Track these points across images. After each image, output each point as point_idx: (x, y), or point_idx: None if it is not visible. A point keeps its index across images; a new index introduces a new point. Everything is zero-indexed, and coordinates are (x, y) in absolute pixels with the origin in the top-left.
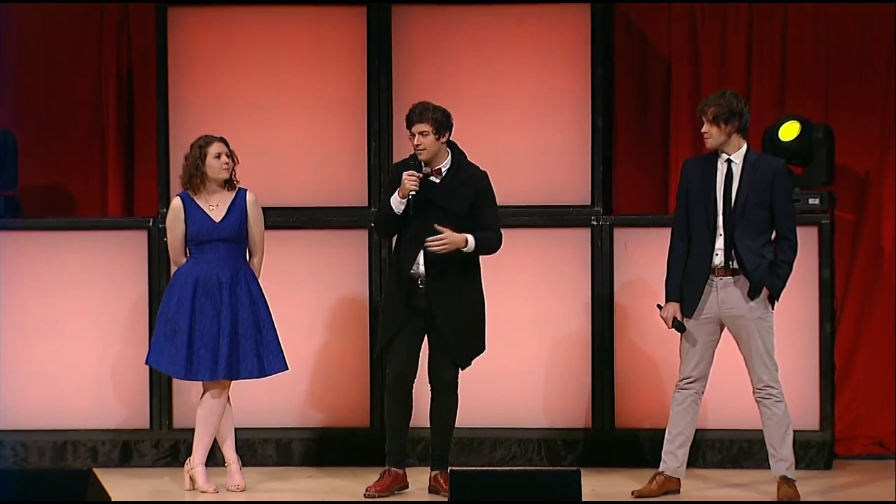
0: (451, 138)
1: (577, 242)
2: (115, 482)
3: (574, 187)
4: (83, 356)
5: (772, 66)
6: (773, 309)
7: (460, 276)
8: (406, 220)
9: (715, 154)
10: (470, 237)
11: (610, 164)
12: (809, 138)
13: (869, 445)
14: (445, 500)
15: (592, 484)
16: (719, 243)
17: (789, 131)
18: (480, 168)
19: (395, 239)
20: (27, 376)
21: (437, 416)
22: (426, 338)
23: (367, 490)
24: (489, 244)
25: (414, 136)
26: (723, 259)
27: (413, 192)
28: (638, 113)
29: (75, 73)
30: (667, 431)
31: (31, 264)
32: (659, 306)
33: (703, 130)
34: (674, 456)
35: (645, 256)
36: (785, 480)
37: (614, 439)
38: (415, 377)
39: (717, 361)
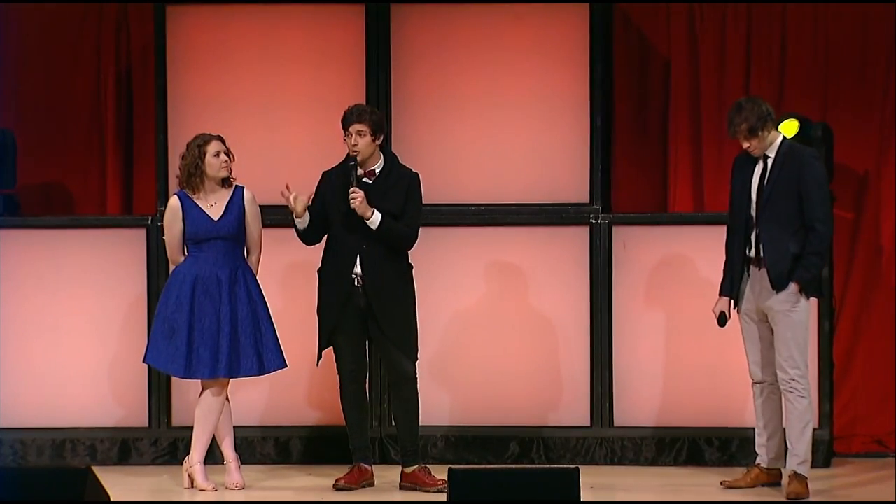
0: (447, 135)
1: (575, 241)
2: (113, 480)
3: (573, 185)
4: (82, 354)
5: (771, 65)
6: (806, 301)
7: (396, 275)
8: (328, 224)
9: None
10: (378, 213)
11: (609, 162)
12: (808, 137)
13: (868, 444)
14: (426, 495)
15: (591, 483)
16: (753, 236)
17: (788, 129)
18: (413, 170)
19: (329, 239)
20: (26, 374)
21: (401, 411)
22: (370, 337)
23: (336, 481)
24: (397, 234)
25: (350, 135)
26: (755, 252)
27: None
28: (637, 111)
29: (74, 72)
30: (755, 426)
31: (30, 262)
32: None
33: (745, 147)
34: (765, 448)
35: (644, 255)
36: (796, 476)
37: (613, 438)
38: (366, 373)
39: (714, 358)
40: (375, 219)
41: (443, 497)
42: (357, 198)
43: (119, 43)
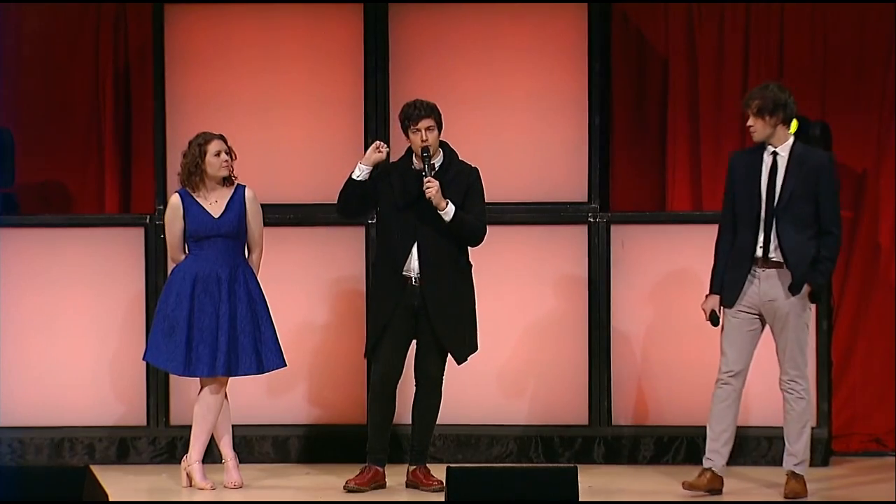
0: (446, 135)
1: (573, 240)
2: (112, 479)
3: (571, 184)
4: (80, 353)
5: (769, 64)
6: (811, 305)
7: (454, 274)
8: (367, 202)
9: (761, 147)
10: (452, 205)
11: (607, 161)
12: (806, 135)
13: (866, 442)
14: (424, 495)
15: (589, 481)
16: (761, 236)
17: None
18: (473, 165)
19: (381, 235)
20: (24, 373)
21: (421, 411)
22: (415, 335)
23: (346, 483)
24: (470, 226)
25: (420, 131)
26: (762, 252)
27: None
28: (635, 110)
29: (72, 71)
30: (709, 429)
31: (28, 261)
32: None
33: (748, 124)
34: (719, 454)
35: (642, 254)
36: (793, 476)
37: (611, 436)
38: (400, 377)
39: (712, 357)
40: (450, 210)
41: (441, 496)
42: (433, 187)
43: (117, 41)
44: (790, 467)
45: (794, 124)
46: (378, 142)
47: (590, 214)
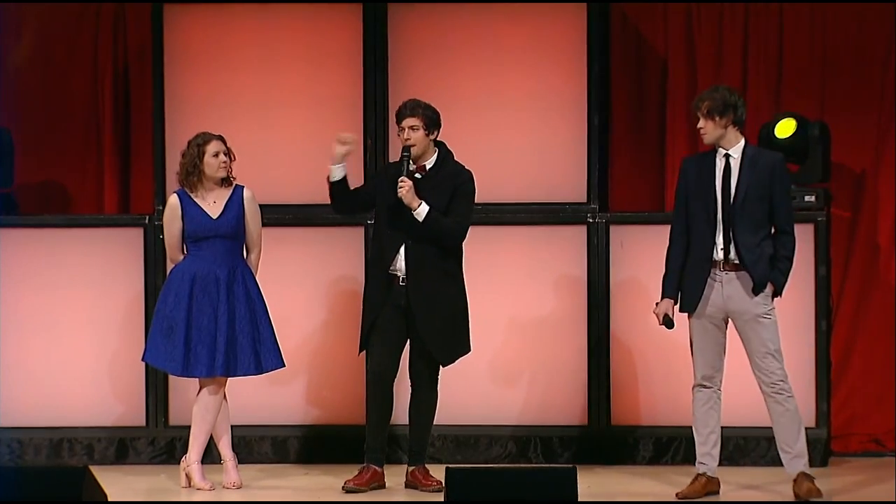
0: (445, 135)
1: (573, 240)
2: (111, 480)
3: (570, 185)
4: (79, 353)
5: (768, 64)
6: (773, 306)
7: (441, 275)
8: (357, 198)
9: (713, 151)
10: (425, 205)
11: (606, 161)
12: (805, 136)
13: (865, 443)
14: (423, 495)
15: (588, 482)
16: (720, 238)
17: (785, 129)
18: (466, 168)
19: (375, 233)
20: (23, 373)
21: (416, 412)
22: (408, 335)
23: (345, 483)
24: (444, 228)
25: (404, 129)
26: (723, 254)
27: (343, 153)
28: (634, 110)
29: (71, 71)
30: (696, 433)
31: (27, 262)
32: (657, 304)
33: (699, 126)
34: (711, 456)
35: (641, 254)
36: (805, 477)
37: (610, 437)
38: (395, 375)
39: None
40: (422, 210)
41: (440, 497)
42: (405, 186)
43: (116, 42)
44: (800, 469)
45: (792, 124)
46: (339, 134)
47: (589, 215)
